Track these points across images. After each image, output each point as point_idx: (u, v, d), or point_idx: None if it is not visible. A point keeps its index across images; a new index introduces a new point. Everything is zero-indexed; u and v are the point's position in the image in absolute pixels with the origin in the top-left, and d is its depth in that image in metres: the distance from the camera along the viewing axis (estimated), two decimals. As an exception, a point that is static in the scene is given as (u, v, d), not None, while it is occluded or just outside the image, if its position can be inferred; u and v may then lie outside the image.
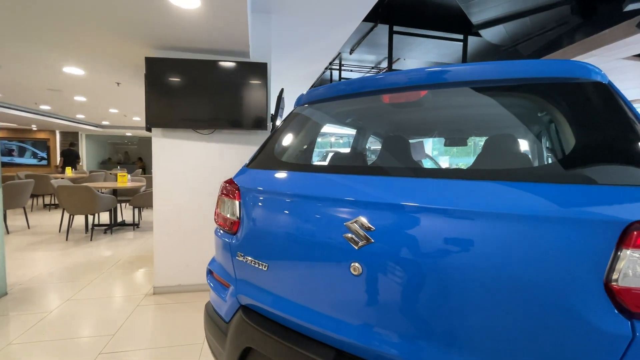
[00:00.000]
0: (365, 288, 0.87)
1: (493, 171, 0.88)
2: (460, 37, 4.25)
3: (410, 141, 1.52)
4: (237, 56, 2.99)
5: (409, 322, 0.82)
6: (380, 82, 1.21)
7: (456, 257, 0.77)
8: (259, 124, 2.97)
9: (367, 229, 0.86)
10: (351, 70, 6.28)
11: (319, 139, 1.72)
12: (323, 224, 0.97)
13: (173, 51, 2.91)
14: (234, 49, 2.87)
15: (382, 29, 4.19)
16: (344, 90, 1.34)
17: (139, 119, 9.45)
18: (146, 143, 15.86)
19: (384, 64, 6.07)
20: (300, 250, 1.02)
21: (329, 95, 1.40)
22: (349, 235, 0.90)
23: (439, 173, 0.92)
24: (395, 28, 3.98)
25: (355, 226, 0.89)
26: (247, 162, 1.45)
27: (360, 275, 0.87)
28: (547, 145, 1.38)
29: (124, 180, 5.58)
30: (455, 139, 2.93)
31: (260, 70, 2.91)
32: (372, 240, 0.86)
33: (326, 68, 5.93)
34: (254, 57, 3.02)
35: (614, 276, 0.64)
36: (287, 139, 1.42)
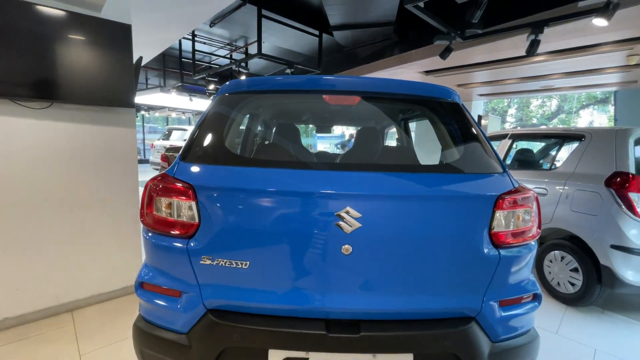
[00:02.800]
0: (353, 263, 1.08)
1: (425, 166, 1.28)
2: (317, 32, 4.76)
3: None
4: (78, 6, 2.26)
5: (390, 280, 1.11)
6: (323, 84, 1.39)
7: (416, 225, 1.11)
8: (122, 100, 2.43)
9: (354, 216, 1.07)
10: (204, 43, 5.76)
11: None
12: (312, 215, 1.09)
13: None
14: (79, -3, 2.17)
15: (247, 9, 4.10)
16: (285, 86, 1.42)
17: None
18: None
19: (240, 42, 5.92)
20: (291, 242, 1.10)
21: (267, 88, 1.44)
22: (339, 222, 1.07)
23: (400, 168, 1.23)
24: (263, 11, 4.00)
25: (345, 214, 1.07)
26: (181, 154, 1.29)
27: (350, 254, 1.07)
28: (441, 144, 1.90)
29: None
30: (325, 128, 3.43)
31: (122, 32, 2.36)
32: (361, 224, 1.07)
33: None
34: (108, 14, 2.37)
35: (492, 226, 1.15)
36: (232, 131, 1.36)
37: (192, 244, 1.13)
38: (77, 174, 2.38)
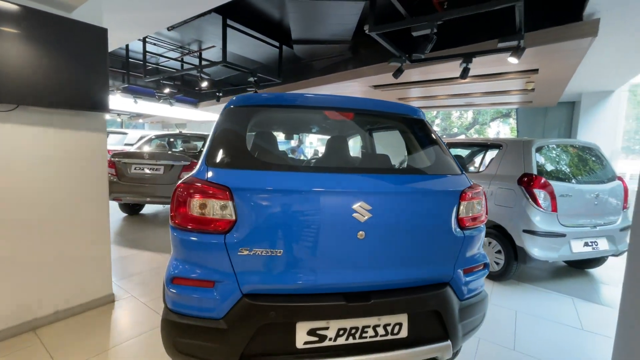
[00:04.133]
0: (366, 245, 1.37)
1: (411, 169, 1.63)
2: (277, 44, 4.97)
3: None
4: (46, 5, 2.15)
5: (391, 257, 1.42)
6: (320, 101, 1.67)
7: (409, 214, 1.44)
8: (94, 103, 2.36)
9: (366, 208, 1.36)
10: (154, 44, 5.51)
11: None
12: (335, 209, 1.34)
13: None
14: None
15: (210, 17, 4.14)
16: (290, 101, 1.66)
17: None
18: None
19: (194, 46, 5.81)
20: (317, 232, 1.33)
21: (273, 103, 1.66)
22: (355, 214, 1.35)
23: (389, 170, 1.55)
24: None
25: (359, 207, 1.35)
26: (205, 160, 1.44)
27: (364, 238, 1.36)
28: (405, 152, 2.25)
29: None
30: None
31: (97, 36, 2.30)
32: (371, 215, 1.36)
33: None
34: (79, 15, 2.30)
35: (458, 213, 1.55)
36: (248, 138, 1.54)
37: (229, 238, 1.30)
38: (42, 180, 2.24)
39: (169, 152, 5.26)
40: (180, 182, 1.42)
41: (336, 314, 1.35)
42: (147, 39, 5.27)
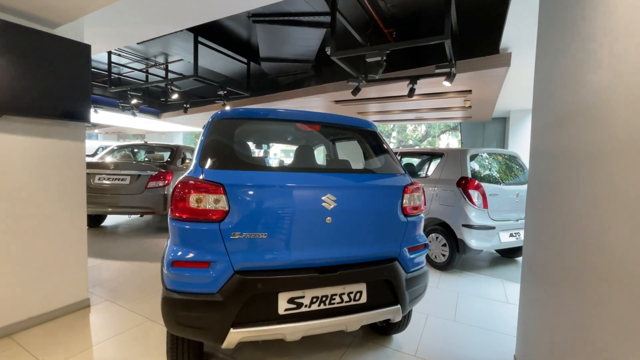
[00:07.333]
0: (332, 228, 1.73)
1: (367, 170, 2.05)
2: (245, 60, 5.28)
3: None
4: (32, 21, 2.30)
5: (353, 238, 1.80)
6: (293, 115, 2.03)
7: (365, 204, 1.84)
8: (78, 113, 2.50)
9: (332, 199, 1.73)
10: (119, 55, 5.52)
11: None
12: (308, 199, 1.69)
13: None
14: (36, 14, 2.24)
15: (181, 33, 4.36)
16: (268, 115, 2.01)
17: None
18: None
19: (160, 59, 5.90)
20: (294, 218, 1.66)
21: (253, 116, 1.99)
22: (324, 203, 1.71)
23: (348, 170, 1.94)
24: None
25: (327, 198, 1.72)
26: (199, 163, 1.72)
27: (331, 223, 1.72)
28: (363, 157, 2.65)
29: None
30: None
31: (81, 51, 2.47)
32: (336, 204, 1.73)
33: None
34: (63, 31, 2.46)
35: (403, 203, 1.98)
36: (235, 144, 1.85)
37: (223, 225, 1.59)
38: (22, 186, 2.32)
39: (135, 162, 5.26)
40: (178, 181, 1.69)
41: (310, 284, 1.69)
42: (112, 50, 5.28)
